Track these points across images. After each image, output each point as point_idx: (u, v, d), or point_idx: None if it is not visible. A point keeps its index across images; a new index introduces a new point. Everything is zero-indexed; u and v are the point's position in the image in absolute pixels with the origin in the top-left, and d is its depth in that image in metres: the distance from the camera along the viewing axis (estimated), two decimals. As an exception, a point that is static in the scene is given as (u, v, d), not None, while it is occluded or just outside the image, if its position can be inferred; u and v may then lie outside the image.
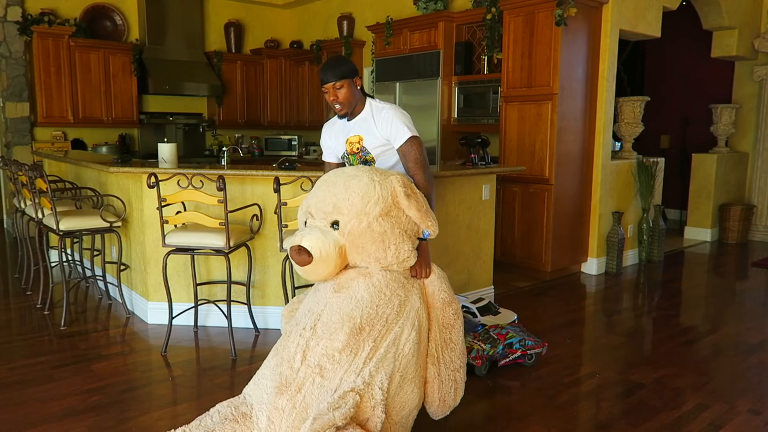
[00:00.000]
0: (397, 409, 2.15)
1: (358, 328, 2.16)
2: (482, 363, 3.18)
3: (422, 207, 2.30)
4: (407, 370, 2.19)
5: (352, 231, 2.23)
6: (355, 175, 2.29)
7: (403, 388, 2.17)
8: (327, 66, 2.66)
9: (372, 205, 2.22)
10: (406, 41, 6.46)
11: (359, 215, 2.22)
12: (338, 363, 2.10)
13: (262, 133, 8.83)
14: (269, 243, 3.87)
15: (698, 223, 7.20)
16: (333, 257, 2.23)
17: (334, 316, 2.21)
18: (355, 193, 2.24)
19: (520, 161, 5.32)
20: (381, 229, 2.22)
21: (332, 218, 2.25)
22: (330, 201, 2.27)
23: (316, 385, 2.09)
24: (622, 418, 2.80)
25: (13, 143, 6.85)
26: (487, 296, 4.27)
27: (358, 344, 2.13)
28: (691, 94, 8.23)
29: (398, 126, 2.61)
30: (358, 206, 2.22)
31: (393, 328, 2.20)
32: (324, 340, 2.15)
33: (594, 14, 5.25)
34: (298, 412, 2.08)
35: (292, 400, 2.10)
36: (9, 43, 6.70)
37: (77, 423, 2.68)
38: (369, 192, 2.24)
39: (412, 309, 2.27)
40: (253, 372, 3.29)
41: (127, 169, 3.83)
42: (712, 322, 4.25)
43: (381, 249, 2.23)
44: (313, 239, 2.21)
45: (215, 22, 8.49)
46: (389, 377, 2.11)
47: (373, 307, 2.20)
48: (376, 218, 2.22)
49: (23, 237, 4.89)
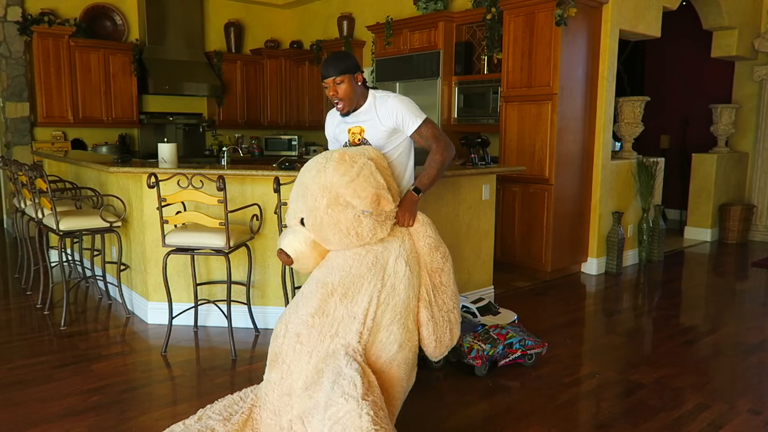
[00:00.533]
0: (373, 358, 2.25)
1: (330, 291, 2.32)
2: (482, 363, 3.18)
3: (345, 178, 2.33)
4: (385, 317, 2.29)
5: (312, 226, 2.39)
6: (309, 168, 2.44)
7: (377, 336, 2.27)
8: (328, 60, 2.65)
9: (319, 199, 2.34)
10: (406, 41, 6.46)
11: (311, 211, 2.37)
12: (312, 327, 2.28)
13: (262, 133, 8.83)
14: (269, 243, 3.87)
15: (698, 223, 7.20)
16: (307, 252, 2.43)
17: (310, 286, 2.40)
18: (308, 189, 2.39)
19: (520, 161, 5.32)
20: (332, 219, 2.33)
21: (299, 216, 2.44)
22: (297, 200, 2.45)
23: (296, 352, 2.27)
24: (622, 418, 2.80)
25: (13, 143, 6.85)
26: (487, 296, 4.27)
27: (329, 305, 2.29)
28: (691, 94, 8.23)
29: (407, 114, 2.66)
30: (309, 203, 2.37)
31: (369, 280, 2.31)
32: (300, 309, 2.33)
33: (594, 14, 5.25)
34: (285, 381, 2.27)
35: (279, 371, 2.29)
36: (9, 43, 6.70)
37: (77, 423, 2.68)
38: (315, 186, 2.36)
39: (390, 256, 2.38)
40: (253, 372, 3.32)
41: (127, 169, 3.83)
42: (712, 322, 4.25)
43: (342, 235, 2.35)
44: (286, 241, 2.44)
45: (215, 22, 8.49)
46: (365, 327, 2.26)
47: (345, 269, 2.35)
48: (325, 211, 2.33)
49: (23, 237, 4.89)
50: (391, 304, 2.31)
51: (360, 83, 2.67)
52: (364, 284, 2.30)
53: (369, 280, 2.31)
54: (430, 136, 2.67)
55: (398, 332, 2.29)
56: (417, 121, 2.66)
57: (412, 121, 2.65)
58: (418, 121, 2.66)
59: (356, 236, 2.34)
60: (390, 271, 2.35)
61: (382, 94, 2.73)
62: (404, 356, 2.31)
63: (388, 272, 2.34)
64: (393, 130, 2.68)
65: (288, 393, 2.25)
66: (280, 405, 2.27)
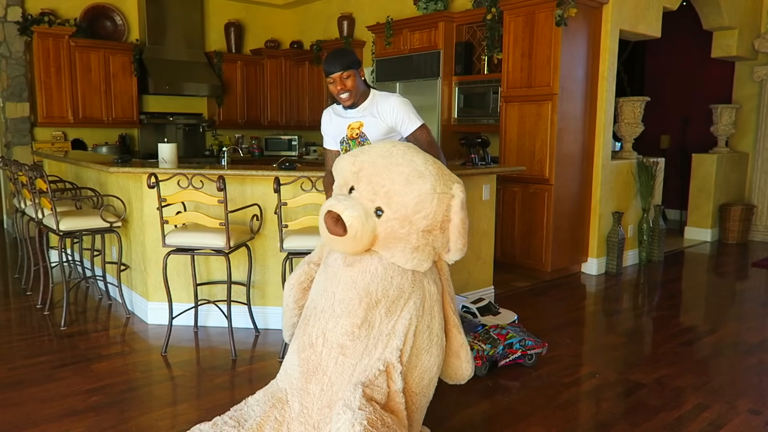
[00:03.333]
0: (417, 380, 2.17)
1: (375, 301, 2.14)
2: (482, 363, 3.18)
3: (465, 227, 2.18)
4: (424, 339, 2.19)
5: (390, 231, 2.13)
6: (422, 174, 2.12)
7: (420, 358, 2.17)
8: (333, 57, 2.66)
9: (420, 218, 2.11)
10: (406, 41, 6.46)
11: (404, 221, 2.11)
12: (358, 338, 2.13)
13: (262, 133, 8.83)
14: (269, 243, 3.87)
15: (698, 223, 7.20)
16: (365, 242, 2.14)
17: (350, 292, 2.17)
18: (412, 194, 2.09)
19: (520, 161, 5.32)
20: (416, 243, 2.14)
21: (379, 203, 2.12)
22: (386, 184, 2.12)
23: (339, 364, 2.13)
24: (622, 418, 2.80)
25: (13, 143, 6.85)
26: (487, 296, 4.27)
27: (374, 317, 2.14)
28: (691, 94, 8.23)
29: (406, 115, 2.68)
30: (408, 210, 2.10)
31: (409, 296, 2.18)
32: (342, 318, 2.15)
33: (594, 14, 5.25)
34: (326, 393, 2.14)
35: (320, 383, 2.15)
36: (9, 43, 6.70)
37: (77, 423, 2.68)
38: (424, 202, 2.10)
39: (424, 278, 2.24)
40: (254, 372, 3.32)
41: (127, 169, 3.83)
42: (712, 322, 4.25)
43: (407, 258, 2.17)
44: (355, 217, 2.09)
45: (215, 22, 8.49)
46: (406, 346, 2.12)
47: (387, 279, 2.16)
48: (417, 231, 2.12)
49: (23, 237, 4.89)
50: (430, 325, 2.20)
51: (363, 79, 2.72)
52: (407, 300, 2.17)
53: (410, 297, 2.17)
54: (425, 141, 2.67)
55: (438, 354, 2.23)
56: (416, 123, 2.69)
57: (411, 122, 2.69)
58: (416, 124, 2.69)
59: (413, 265, 2.19)
60: (426, 293, 2.23)
61: (383, 93, 2.77)
62: (437, 377, 2.28)
63: (425, 293, 2.23)
64: (391, 129, 2.72)
65: (328, 405, 2.13)
66: (321, 418, 2.15)
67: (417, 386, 2.16)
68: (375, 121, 2.71)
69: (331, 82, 2.67)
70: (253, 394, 2.37)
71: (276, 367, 3.33)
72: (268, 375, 3.25)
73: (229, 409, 2.36)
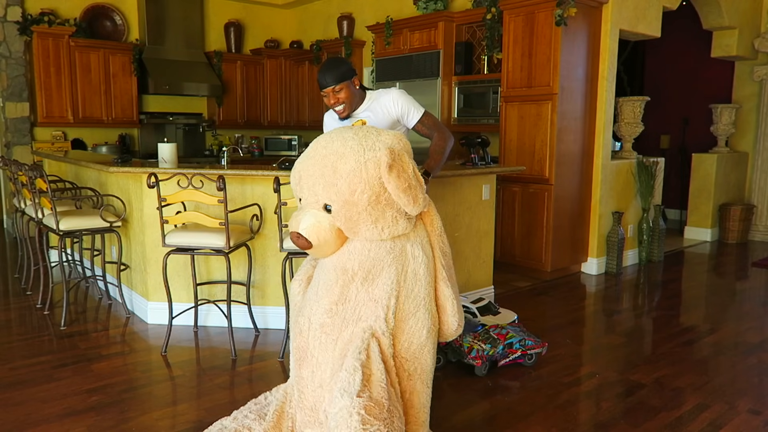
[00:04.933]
0: (405, 345, 2.18)
1: (351, 276, 2.20)
2: (482, 363, 3.18)
3: (406, 181, 2.15)
4: (409, 303, 2.21)
5: (344, 219, 2.18)
6: (343, 154, 2.15)
7: (406, 323, 2.19)
8: (324, 70, 2.68)
9: (359, 195, 2.12)
10: (406, 41, 6.46)
11: (348, 205, 2.14)
12: (335, 314, 2.18)
13: (262, 133, 8.83)
14: (269, 243, 3.87)
15: (698, 223, 7.21)
16: (331, 240, 2.21)
17: (330, 273, 2.25)
18: (342, 179, 2.13)
19: (520, 161, 5.32)
20: (373, 216, 2.16)
21: (323, 201, 2.19)
22: (319, 182, 2.19)
23: (322, 342, 2.18)
24: (622, 418, 2.80)
25: (13, 143, 6.85)
26: (487, 296, 4.27)
27: (350, 291, 2.19)
28: (691, 94, 8.23)
29: (408, 107, 2.80)
30: (345, 194, 2.13)
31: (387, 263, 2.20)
32: (322, 299, 2.23)
33: (594, 14, 5.25)
34: (316, 375, 2.19)
35: (309, 366, 2.21)
36: (9, 43, 6.70)
37: (77, 423, 2.68)
38: (355, 179, 2.12)
39: (407, 242, 2.26)
40: (254, 372, 3.32)
41: (127, 169, 3.83)
42: (712, 322, 4.25)
43: (375, 232, 2.20)
44: (309, 226, 2.19)
45: (215, 22, 8.49)
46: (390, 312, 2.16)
47: (363, 252, 2.22)
48: (365, 207, 2.14)
49: (23, 237, 4.89)
50: (414, 290, 2.22)
51: (357, 87, 2.75)
52: (384, 267, 2.20)
53: (389, 263, 2.20)
54: (432, 124, 2.83)
55: (425, 318, 2.24)
56: (419, 112, 2.82)
57: (415, 112, 2.82)
58: (419, 113, 2.83)
59: (389, 233, 2.21)
60: (409, 256, 2.25)
61: (380, 90, 2.86)
62: (432, 342, 2.27)
63: (407, 258, 2.24)
64: (395, 121, 2.78)
65: (320, 385, 2.20)
66: (316, 399, 2.21)
67: (406, 351, 2.19)
68: (377, 116, 2.75)
69: (325, 95, 2.71)
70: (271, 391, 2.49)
71: (276, 367, 3.34)
72: (268, 375, 3.26)
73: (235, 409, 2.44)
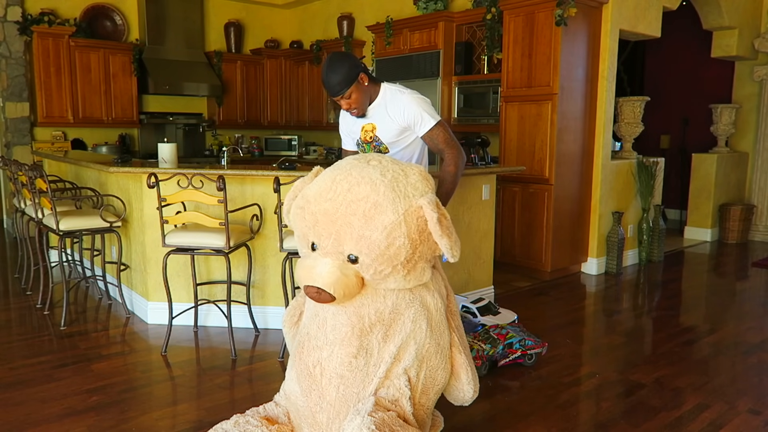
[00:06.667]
0: (433, 397, 2.13)
1: (369, 326, 2.02)
2: (482, 363, 3.18)
3: (453, 234, 2.00)
4: (438, 358, 2.11)
5: (374, 273, 1.95)
6: (377, 203, 1.90)
7: (435, 377, 2.11)
8: (329, 77, 2.51)
9: (397, 249, 1.90)
10: (406, 41, 6.46)
11: (381, 258, 1.92)
12: (356, 368, 2.03)
13: (262, 133, 8.83)
14: (269, 243, 3.87)
15: (698, 223, 7.20)
16: (356, 293, 2.01)
17: (341, 317, 2.05)
18: (377, 231, 1.88)
19: (520, 161, 5.32)
20: (405, 269, 1.97)
21: (349, 251, 1.93)
22: (346, 231, 1.92)
23: (341, 393, 2.04)
24: (622, 418, 2.80)
25: (13, 143, 6.85)
26: (487, 296, 4.27)
27: (371, 343, 2.02)
28: (691, 94, 8.22)
29: (420, 114, 2.57)
30: (381, 248, 1.90)
31: (407, 316, 2.06)
32: (336, 347, 2.04)
33: (594, 14, 5.25)
34: (334, 423, 2.06)
35: (326, 413, 2.07)
36: (9, 43, 6.70)
37: (77, 423, 2.68)
38: (394, 233, 1.88)
39: (425, 291, 2.12)
40: (254, 372, 3.32)
41: (127, 169, 3.83)
42: (712, 322, 4.25)
43: (402, 284, 2.04)
44: (336, 281, 1.93)
45: (215, 22, 8.49)
46: (412, 366, 2.04)
47: (379, 299, 2.03)
48: (401, 262, 1.93)
49: (23, 237, 4.89)
50: (441, 343, 2.10)
51: (367, 83, 2.59)
52: (407, 323, 2.04)
53: (411, 318, 2.04)
54: (442, 141, 2.57)
55: (447, 367, 2.16)
56: (429, 123, 2.57)
57: (425, 122, 2.57)
58: (430, 123, 2.57)
59: (413, 284, 2.03)
60: (432, 309, 2.09)
61: (395, 90, 2.64)
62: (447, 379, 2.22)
63: (430, 311, 2.09)
64: (404, 128, 2.62)
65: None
66: None
67: (430, 401, 2.13)
68: (388, 122, 2.63)
69: (337, 101, 2.61)
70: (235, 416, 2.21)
71: (276, 367, 3.34)
72: (268, 375, 3.26)
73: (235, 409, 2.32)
